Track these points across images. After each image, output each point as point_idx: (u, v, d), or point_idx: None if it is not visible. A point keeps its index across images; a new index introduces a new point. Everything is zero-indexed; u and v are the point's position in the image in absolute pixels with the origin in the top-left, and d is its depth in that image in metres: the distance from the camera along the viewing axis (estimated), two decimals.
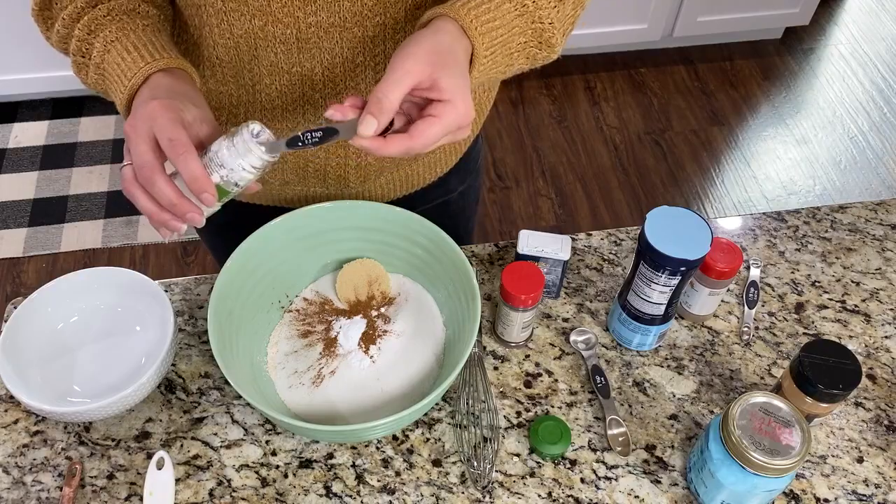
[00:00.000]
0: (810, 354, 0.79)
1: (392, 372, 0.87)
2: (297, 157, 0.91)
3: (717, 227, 1.09)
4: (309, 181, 0.95)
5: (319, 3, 0.75)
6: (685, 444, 0.87)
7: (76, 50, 0.78)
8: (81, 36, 0.77)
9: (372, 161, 0.92)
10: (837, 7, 3.05)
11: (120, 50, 0.75)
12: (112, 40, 0.76)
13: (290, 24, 0.76)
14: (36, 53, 2.30)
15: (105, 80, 0.77)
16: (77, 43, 0.78)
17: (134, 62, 0.74)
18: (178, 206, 0.68)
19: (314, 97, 0.84)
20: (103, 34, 0.76)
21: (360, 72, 0.81)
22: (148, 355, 0.89)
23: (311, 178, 0.94)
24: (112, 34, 0.76)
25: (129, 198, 0.70)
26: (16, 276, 2.12)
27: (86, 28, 0.77)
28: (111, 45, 0.76)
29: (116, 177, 2.35)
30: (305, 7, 0.75)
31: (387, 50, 0.80)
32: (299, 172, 0.93)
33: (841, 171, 2.49)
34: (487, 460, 0.83)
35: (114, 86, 0.76)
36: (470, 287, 0.84)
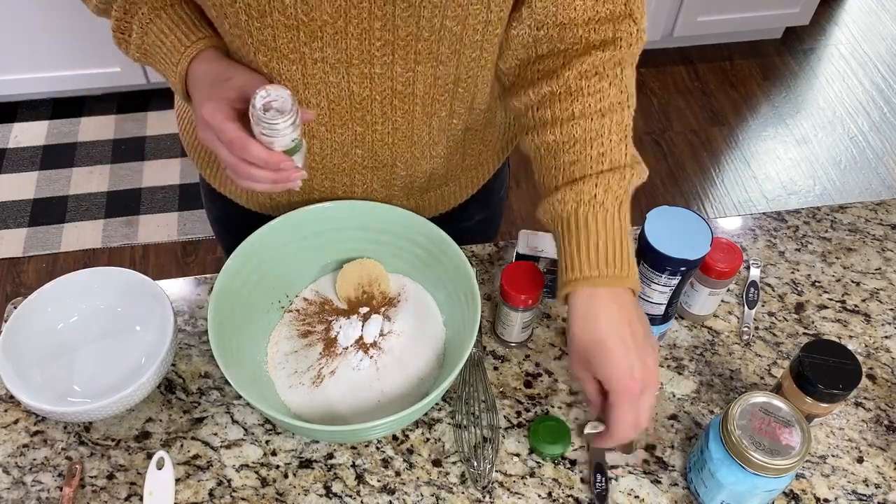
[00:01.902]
0: (810, 354, 0.79)
1: (392, 372, 0.87)
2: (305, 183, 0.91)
3: (717, 227, 1.09)
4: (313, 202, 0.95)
5: (326, 40, 0.74)
6: (685, 444, 0.87)
7: (115, 27, 0.81)
8: (118, 16, 0.80)
9: (378, 188, 0.93)
10: (837, 7, 3.05)
11: (157, 32, 0.78)
12: (147, 22, 0.78)
13: (296, 59, 0.76)
14: (36, 53, 2.30)
15: (148, 59, 0.81)
16: (115, 22, 0.80)
17: (174, 46, 0.77)
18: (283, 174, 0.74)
19: (320, 130, 0.84)
20: (138, 15, 0.79)
21: (366, 105, 0.81)
22: (148, 355, 0.89)
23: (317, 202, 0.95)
24: (145, 15, 0.78)
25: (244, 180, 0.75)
26: (16, 276, 2.12)
27: (121, 8, 0.79)
28: (148, 27, 0.78)
29: (116, 177, 2.35)
30: (311, 44, 0.74)
31: (394, 86, 0.79)
32: (304, 197, 0.94)
33: (841, 171, 2.49)
34: (487, 460, 0.83)
35: (161, 66, 0.80)
36: (470, 287, 0.84)
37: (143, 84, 2.47)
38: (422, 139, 0.87)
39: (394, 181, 0.92)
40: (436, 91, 0.82)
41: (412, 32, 0.74)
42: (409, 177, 0.92)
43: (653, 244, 0.81)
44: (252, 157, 0.72)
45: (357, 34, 0.73)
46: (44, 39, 2.27)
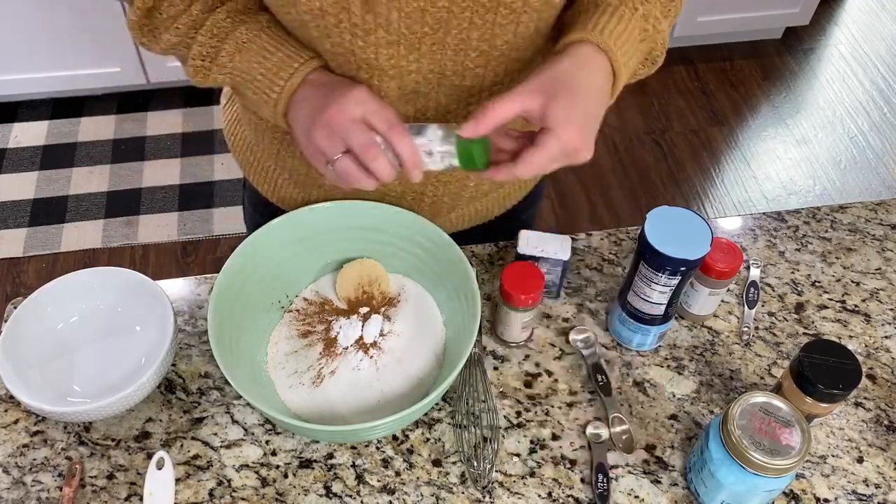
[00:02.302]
0: (810, 354, 0.79)
1: (392, 372, 0.87)
2: (373, 193, 0.91)
3: (717, 227, 1.09)
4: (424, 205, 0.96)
5: (423, 51, 0.75)
6: (685, 444, 0.87)
7: (198, 55, 0.78)
8: (204, 41, 0.78)
9: (447, 200, 0.94)
10: (837, 7, 3.05)
11: (256, 51, 0.77)
12: (244, 41, 0.77)
13: (395, 75, 0.77)
14: (36, 53, 2.30)
15: (236, 79, 0.79)
16: (199, 48, 0.78)
17: (281, 62, 0.76)
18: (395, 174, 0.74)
19: None
20: (233, 37, 0.77)
21: (452, 118, 0.82)
22: (148, 355, 0.89)
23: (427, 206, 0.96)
24: (243, 35, 0.77)
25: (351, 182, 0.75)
26: (16, 276, 2.12)
27: (208, 33, 0.77)
28: (244, 47, 0.77)
29: (116, 177, 2.35)
30: (409, 56, 0.75)
31: (481, 100, 0.80)
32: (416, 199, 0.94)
33: (841, 171, 2.49)
34: (487, 460, 0.83)
35: (254, 86, 0.78)
36: (470, 287, 0.84)
37: (143, 84, 2.47)
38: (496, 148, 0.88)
39: (462, 192, 0.94)
40: None
41: (508, 41, 0.75)
42: (476, 187, 0.94)
43: (653, 244, 0.81)
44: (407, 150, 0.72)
45: (454, 45, 0.74)
46: (44, 39, 2.27)
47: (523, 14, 0.72)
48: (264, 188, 1.02)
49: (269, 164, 0.98)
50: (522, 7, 0.72)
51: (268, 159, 0.97)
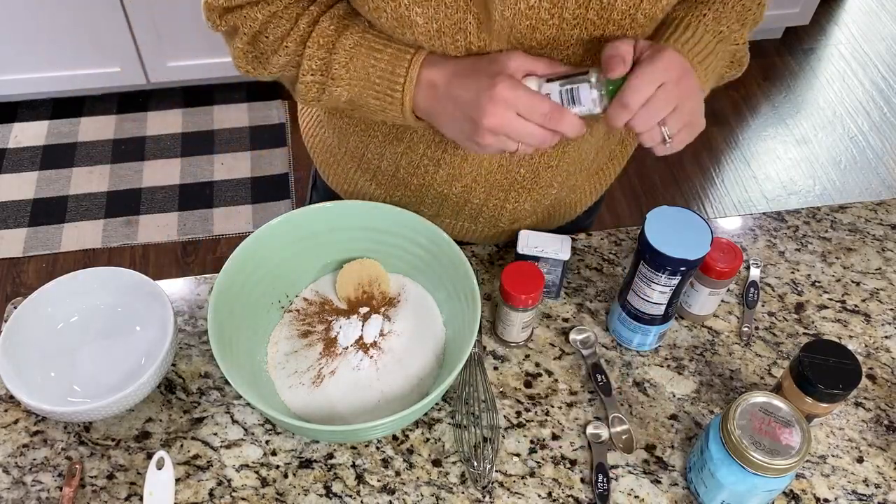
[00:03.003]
0: (810, 354, 0.79)
1: (392, 372, 0.87)
2: (458, 196, 0.92)
3: (717, 227, 1.09)
4: (461, 217, 0.97)
5: None
6: (685, 444, 0.87)
7: (308, 69, 0.77)
8: (313, 54, 0.76)
9: (527, 207, 0.94)
10: (837, 7, 3.05)
11: (365, 54, 0.75)
12: (351, 46, 0.75)
13: None
14: (36, 53, 2.30)
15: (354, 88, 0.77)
16: (308, 62, 0.76)
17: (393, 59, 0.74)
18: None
19: None
20: (340, 44, 0.75)
21: None
22: (148, 355, 0.89)
23: (465, 214, 0.96)
24: (349, 40, 0.75)
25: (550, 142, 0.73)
26: (16, 276, 2.12)
27: (315, 45, 0.75)
28: (355, 51, 0.75)
29: (116, 177, 2.35)
30: None
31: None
32: (455, 209, 0.96)
33: (841, 171, 2.49)
34: (487, 460, 0.83)
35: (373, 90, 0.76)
36: (470, 287, 0.84)
37: (143, 84, 2.47)
38: (580, 157, 0.89)
39: (543, 201, 0.94)
40: None
41: None
42: (558, 196, 0.95)
43: (653, 244, 0.81)
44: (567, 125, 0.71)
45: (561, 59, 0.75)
46: (44, 39, 2.27)
47: (629, 30, 0.73)
48: (343, 188, 1.03)
49: (350, 167, 0.99)
50: (630, 24, 0.72)
51: (349, 161, 0.98)
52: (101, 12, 2.20)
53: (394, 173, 0.94)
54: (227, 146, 2.45)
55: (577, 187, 1.00)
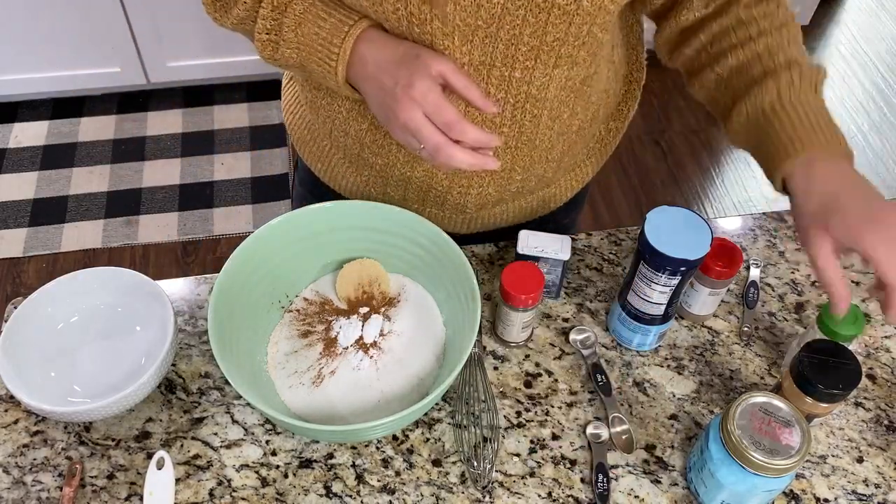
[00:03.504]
0: (810, 354, 0.79)
1: (392, 372, 0.87)
2: (421, 181, 0.92)
3: (717, 227, 1.09)
4: (428, 202, 0.97)
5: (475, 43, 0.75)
6: (685, 444, 0.87)
7: (262, 28, 0.79)
8: (267, 14, 0.78)
9: (492, 192, 0.94)
10: (837, 7, 3.05)
11: (314, 19, 0.77)
12: (301, 11, 0.77)
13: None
14: (36, 53, 2.30)
15: (303, 53, 0.79)
16: (263, 22, 0.79)
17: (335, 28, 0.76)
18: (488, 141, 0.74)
19: None
20: (290, 8, 0.77)
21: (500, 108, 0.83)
22: (148, 355, 0.89)
23: (431, 200, 0.96)
24: (299, 5, 0.77)
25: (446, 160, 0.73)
26: (16, 276, 2.12)
27: (269, 6, 0.78)
28: (302, 17, 0.77)
29: (116, 177, 2.35)
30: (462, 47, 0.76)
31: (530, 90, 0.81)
32: (421, 194, 0.95)
33: None
34: (487, 460, 0.83)
35: (316, 57, 0.78)
36: (470, 287, 0.84)
37: (143, 84, 2.47)
38: (543, 143, 0.89)
39: (508, 186, 0.94)
40: (564, 93, 0.83)
41: (559, 38, 0.76)
42: (523, 181, 0.94)
43: (653, 244, 0.81)
44: (470, 138, 0.72)
45: (506, 39, 0.75)
46: (44, 39, 2.27)
47: (576, 16, 0.74)
48: (318, 167, 1.03)
49: (325, 144, 0.99)
50: (576, 10, 0.73)
51: (324, 138, 0.98)
52: (101, 12, 2.20)
53: (359, 152, 0.93)
54: (228, 146, 2.45)
55: (550, 180, 0.98)
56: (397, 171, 0.92)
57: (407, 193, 0.96)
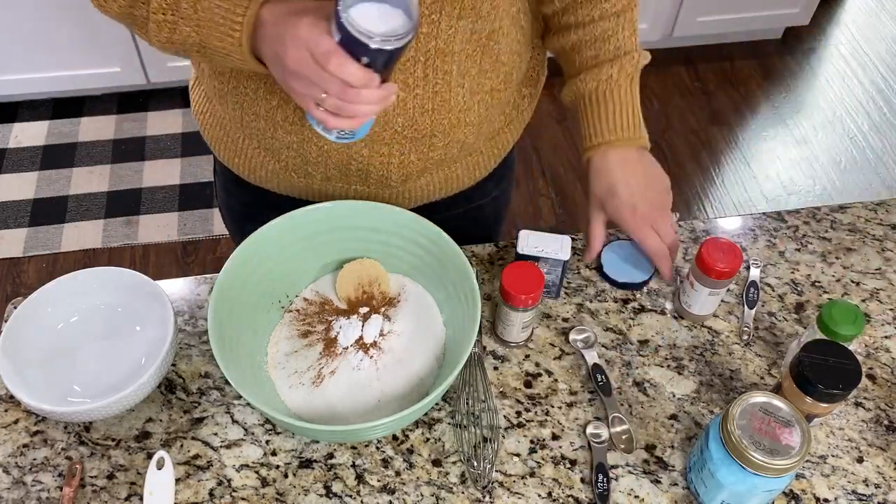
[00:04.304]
0: (810, 354, 0.79)
1: (392, 372, 0.87)
2: (340, 153, 0.91)
3: (717, 227, 1.09)
4: (351, 178, 0.95)
5: None
6: (685, 444, 0.87)
7: (159, 8, 0.75)
8: None
9: (414, 160, 0.92)
10: (837, 7, 3.05)
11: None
12: None
13: None
14: (36, 53, 2.30)
15: (203, 30, 0.75)
16: (157, 2, 0.75)
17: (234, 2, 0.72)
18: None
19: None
20: None
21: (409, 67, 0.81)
22: (148, 355, 0.89)
23: (354, 175, 0.94)
24: None
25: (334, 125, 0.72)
26: (16, 276, 2.12)
27: None
28: None
29: (116, 177, 2.35)
30: None
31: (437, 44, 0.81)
32: (342, 169, 0.93)
33: (841, 171, 2.49)
34: (487, 460, 0.83)
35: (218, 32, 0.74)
36: (470, 287, 0.84)
37: (143, 84, 2.47)
38: (457, 104, 0.88)
39: (430, 153, 0.92)
40: (470, 47, 0.84)
41: None
42: (444, 147, 0.92)
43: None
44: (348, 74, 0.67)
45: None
46: (44, 39, 2.27)
47: None
48: (235, 162, 1.00)
49: (238, 136, 0.97)
50: None
51: (236, 130, 0.96)
52: None
53: (273, 133, 0.91)
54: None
55: (472, 147, 0.97)
56: (314, 146, 0.90)
57: (328, 171, 0.94)
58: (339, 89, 0.68)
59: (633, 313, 0.98)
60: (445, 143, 0.92)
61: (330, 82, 0.68)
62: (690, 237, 1.07)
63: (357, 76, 0.67)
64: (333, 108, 0.70)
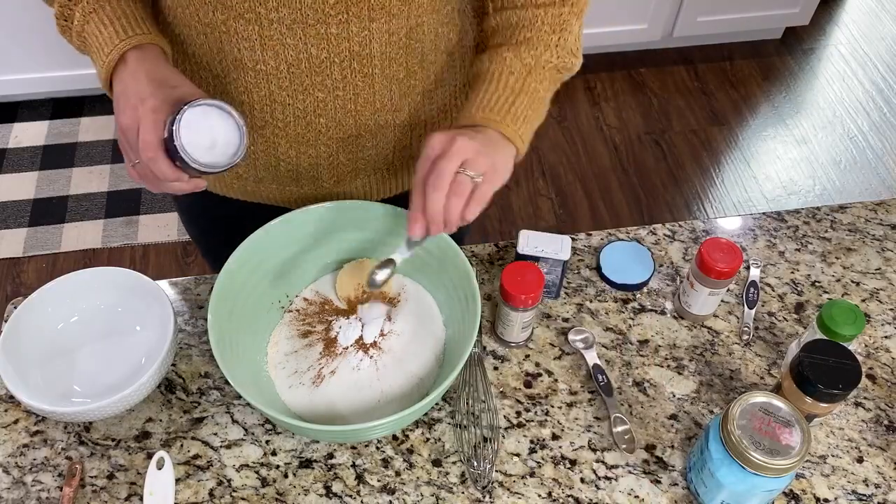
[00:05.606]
0: (810, 354, 0.79)
1: (392, 372, 0.87)
2: (267, 154, 0.91)
3: (717, 227, 1.09)
4: (282, 180, 0.94)
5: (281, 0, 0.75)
6: (685, 444, 0.87)
7: (59, 14, 0.80)
8: (63, 2, 0.79)
9: (344, 161, 0.92)
10: (837, 7, 3.05)
11: (97, 22, 0.78)
12: (90, 11, 0.78)
13: (252, 20, 0.77)
14: (36, 53, 2.30)
15: (87, 49, 0.80)
16: (59, 8, 0.79)
17: (110, 38, 0.77)
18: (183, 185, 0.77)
19: (280, 95, 0.84)
20: (82, 3, 0.78)
21: (325, 69, 0.81)
22: (148, 355, 0.89)
23: (284, 176, 0.94)
24: (89, 4, 0.78)
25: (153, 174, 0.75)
26: (16, 276, 2.12)
27: None
28: (89, 17, 0.78)
29: (116, 177, 2.35)
30: (267, 3, 0.75)
31: (351, 47, 0.80)
32: (271, 171, 0.93)
33: (841, 171, 2.49)
34: (487, 460, 0.83)
35: (94, 56, 0.79)
36: (470, 287, 0.84)
37: None
38: (384, 106, 0.87)
39: (360, 153, 0.91)
40: (391, 49, 0.82)
41: None
42: (375, 148, 0.91)
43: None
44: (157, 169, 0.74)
45: None
46: (44, 39, 2.26)
47: None
48: None
49: None
50: None
51: None
52: None
53: None
54: None
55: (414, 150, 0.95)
56: None
57: (258, 172, 0.94)
58: (148, 171, 0.75)
59: (633, 313, 0.98)
60: (375, 143, 0.91)
61: (142, 161, 0.74)
62: (690, 237, 1.07)
63: (166, 174, 0.74)
64: (141, 175, 0.77)
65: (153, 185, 0.77)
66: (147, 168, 0.74)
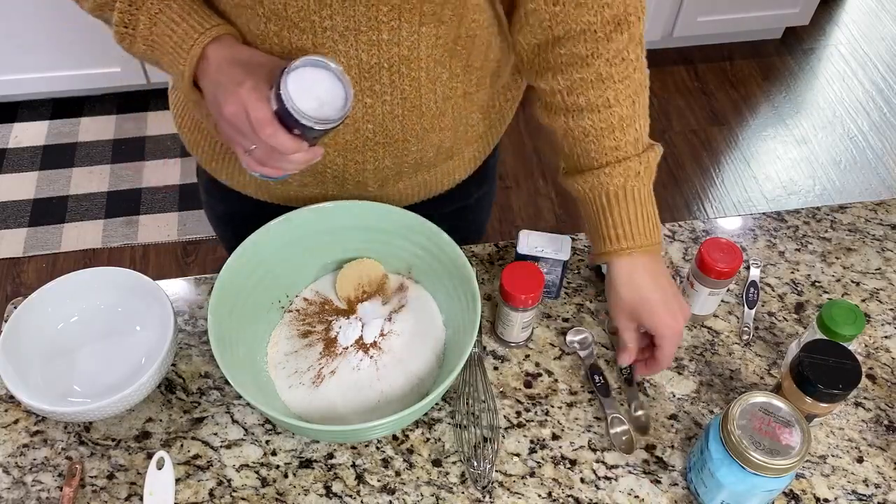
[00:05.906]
0: (810, 354, 0.79)
1: (392, 372, 0.87)
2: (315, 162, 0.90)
3: (717, 227, 1.09)
4: (327, 185, 0.95)
5: (335, 7, 0.75)
6: (685, 444, 0.87)
7: (119, 21, 0.78)
8: (123, 7, 0.77)
9: (389, 164, 0.92)
10: (837, 7, 3.05)
11: (167, 22, 0.76)
12: (156, 12, 0.77)
13: (307, 28, 0.76)
14: (36, 53, 2.30)
15: (156, 52, 0.79)
16: (119, 15, 0.78)
17: (186, 34, 0.76)
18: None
19: None
20: (146, 5, 0.77)
21: (374, 74, 0.82)
22: (148, 355, 0.89)
23: (330, 182, 0.94)
24: (154, 6, 0.77)
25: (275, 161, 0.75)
26: (16, 276, 2.12)
27: (126, 1, 0.77)
28: (156, 18, 0.77)
29: (116, 177, 2.35)
30: (321, 11, 0.75)
31: (401, 51, 0.80)
32: (317, 177, 0.93)
33: (841, 171, 2.49)
34: (487, 460, 0.83)
35: (168, 58, 0.78)
36: (470, 287, 0.84)
37: (143, 84, 2.47)
38: (429, 109, 0.87)
39: (405, 157, 0.92)
40: (437, 52, 0.83)
41: None
42: (420, 151, 0.92)
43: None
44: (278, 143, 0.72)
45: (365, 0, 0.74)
46: (44, 39, 2.27)
47: None
48: (213, 167, 1.01)
49: (215, 140, 0.97)
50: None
51: (214, 135, 0.97)
52: None
53: None
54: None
55: (450, 151, 0.97)
56: None
57: (304, 178, 0.94)
58: (268, 150, 0.73)
59: None
60: (420, 147, 0.91)
61: (260, 143, 0.73)
62: (690, 237, 1.07)
63: (287, 146, 0.72)
64: (260, 160, 0.75)
65: (274, 167, 0.76)
66: (266, 147, 0.73)
